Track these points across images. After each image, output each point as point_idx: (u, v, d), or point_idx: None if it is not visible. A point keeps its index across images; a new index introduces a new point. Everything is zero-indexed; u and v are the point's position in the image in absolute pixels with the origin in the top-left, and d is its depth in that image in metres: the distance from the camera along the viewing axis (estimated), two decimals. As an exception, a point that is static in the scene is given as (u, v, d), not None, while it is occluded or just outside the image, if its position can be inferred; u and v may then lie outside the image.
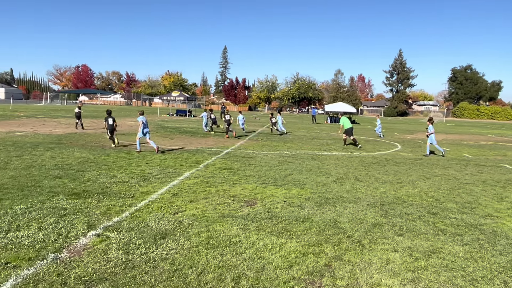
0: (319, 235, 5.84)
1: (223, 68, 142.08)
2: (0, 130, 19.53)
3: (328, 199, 8.01)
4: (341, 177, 10.48)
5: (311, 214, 6.93)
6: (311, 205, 7.49)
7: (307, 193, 8.51)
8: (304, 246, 5.38)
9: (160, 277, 4.28)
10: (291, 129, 31.01)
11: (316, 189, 8.90)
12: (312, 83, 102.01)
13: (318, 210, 7.18)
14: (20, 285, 3.95)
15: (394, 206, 7.75)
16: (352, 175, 10.85)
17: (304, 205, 7.47)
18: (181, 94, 51.48)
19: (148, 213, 6.53)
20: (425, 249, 5.49)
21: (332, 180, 10.01)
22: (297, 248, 5.28)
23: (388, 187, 9.48)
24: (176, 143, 16.97)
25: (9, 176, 8.72)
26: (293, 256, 5.00)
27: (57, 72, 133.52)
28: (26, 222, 5.80)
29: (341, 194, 8.57)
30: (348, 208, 7.40)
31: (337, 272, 4.64)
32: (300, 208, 7.25)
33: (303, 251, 5.20)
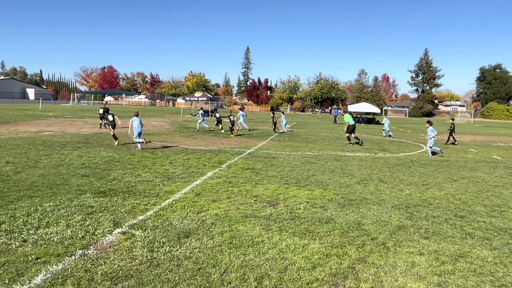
0: (343, 237, 5.79)
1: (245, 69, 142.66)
2: (30, 129, 20.18)
3: (351, 201, 7.93)
4: (365, 179, 10.35)
5: (334, 215, 6.87)
6: (334, 206, 7.43)
7: (330, 194, 8.44)
8: (327, 247, 5.35)
9: (184, 276, 4.33)
10: (314, 129, 30.84)
11: (339, 190, 8.82)
12: (335, 83, 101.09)
13: (342, 212, 7.11)
14: (49, 280, 4.07)
15: (420, 208, 7.59)
16: (376, 177, 10.70)
17: (327, 206, 7.41)
18: (204, 94, 51.87)
19: (172, 212, 6.62)
20: (452, 253, 5.36)
21: (356, 181, 9.90)
22: (320, 250, 5.24)
23: (414, 189, 9.30)
24: (199, 143, 17.13)
25: (39, 174, 9.01)
26: (316, 258, 4.98)
27: (84, 73, 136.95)
28: (55, 219, 5.97)
29: (365, 195, 8.46)
30: (372, 210, 7.30)
31: (361, 274, 4.58)
32: (323, 209, 7.20)
33: (326, 252, 5.16)
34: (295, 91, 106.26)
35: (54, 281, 4.04)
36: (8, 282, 3.96)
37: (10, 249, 4.79)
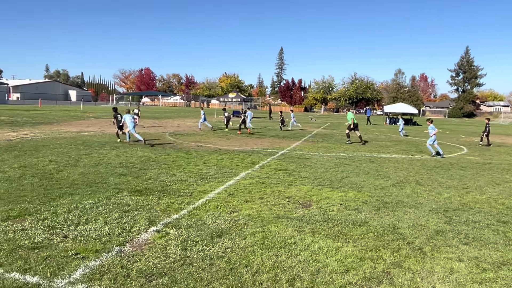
0: (377, 240, 5.66)
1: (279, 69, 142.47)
2: (72, 129, 21.03)
3: (386, 203, 7.74)
4: (401, 181, 10.07)
5: (369, 218, 6.73)
6: (369, 209, 7.28)
7: (365, 196, 8.28)
8: (361, 250, 5.24)
9: (216, 275, 4.37)
10: (348, 130, 30.33)
11: (374, 193, 8.63)
12: (370, 83, 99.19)
13: (376, 214, 6.95)
14: (88, 275, 4.22)
15: (459, 212, 7.30)
16: (413, 179, 10.39)
17: (361, 209, 7.27)
18: (237, 95, 52.27)
19: (205, 211, 6.70)
20: (494, 260, 5.12)
21: (391, 184, 9.65)
22: (353, 253, 5.15)
23: (453, 193, 8.96)
24: (232, 144, 17.26)
25: (79, 173, 9.37)
26: (349, 261, 4.89)
27: (122, 75, 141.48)
28: (94, 216, 6.19)
29: (401, 198, 8.24)
30: (409, 213, 7.09)
31: (396, 279, 4.46)
32: (357, 212, 7.07)
33: (360, 255, 5.06)
34: (329, 92, 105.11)
35: (92, 276, 4.18)
36: (49, 276, 4.13)
37: (52, 244, 5.00)
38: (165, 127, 26.23)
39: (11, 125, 22.44)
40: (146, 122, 29.62)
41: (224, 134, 21.92)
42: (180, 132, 22.15)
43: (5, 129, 19.74)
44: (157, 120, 33.36)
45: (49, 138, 16.39)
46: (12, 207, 6.43)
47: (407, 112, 45.41)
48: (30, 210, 6.32)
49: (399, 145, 19.79)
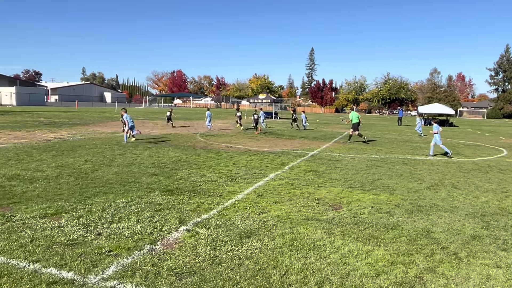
0: (410, 244, 5.50)
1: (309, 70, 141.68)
2: (107, 130, 21.69)
3: (420, 207, 7.52)
4: (436, 184, 9.76)
5: (401, 221, 6.56)
6: (401, 212, 7.09)
7: (397, 199, 8.08)
8: (393, 254, 5.11)
9: (245, 275, 4.37)
10: (380, 131, 29.76)
11: (407, 196, 8.41)
12: (404, 83, 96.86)
13: (409, 218, 6.77)
14: (120, 272, 4.32)
15: (498, 217, 7.00)
16: (449, 182, 10.05)
17: (393, 212, 7.10)
18: (267, 96, 52.26)
19: (235, 212, 6.73)
20: (535, 267, 4.87)
21: (426, 187, 9.37)
22: (385, 257, 5.03)
23: (491, 196, 8.60)
24: (262, 145, 17.28)
25: (113, 172, 9.64)
26: (380, 265, 4.78)
27: (155, 77, 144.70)
28: (127, 214, 6.35)
29: (436, 202, 7.98)
30: (443, 218, 6.86)
31: (429, 285, 4.32)
32: (389, 215, 6.90)
33: (391, 260, 4.94)
34: (361, 92, 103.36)
35: (124, 273, 4.29)
36: (84, 272, 4.27)
37: (86, 241, 5.17)
38: (196, 128, 26.59)
39: (49, 126, 23.40)
40: (178, 123, 30.13)
41: (253, 135, 21.98)
42: (210, 133, 22.39)
43: (44, 130, 20.61)
44: (188, 121, 33.89)
45: (85, 139, 16.97)
46: (50, 205, 6.69)
47: (443, 112, 44.01)
48: (66, 208, 6.56)
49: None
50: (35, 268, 4.30)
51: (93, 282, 4.05)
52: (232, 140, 19.00)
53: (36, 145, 14.25)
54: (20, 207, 6.48)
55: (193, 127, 26.98)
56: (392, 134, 27.28)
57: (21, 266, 4.34)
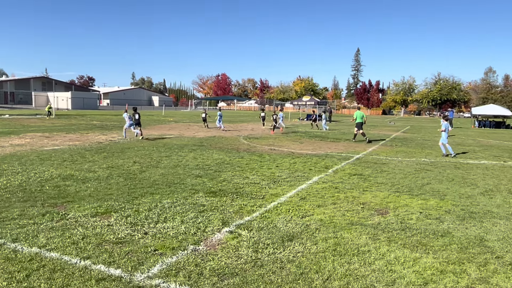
0: (461, 253, 5.22)
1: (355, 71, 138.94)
2: (154, 133, 22.42)
3: (473, 213, 7.11)
4: (491, 189, 9.21)
5: (452, 228, 6.24)
6: (452, 219, 6.75)
7: (448, 205, 7.70)
8: (442, 263, 4.86)
9: (287, 279, 4.33)
10: (431, 134, 28.57)
11: (459, 201, 7.99)
12: (456, 84, 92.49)
13: (461, 225, 6.42)
14: (164, 270, 4.43)
15: (561, 227, 6.47)
16: (505, 188, 9.44)
17: (443, 218, 6.77)
18: (311, 98, 51.90)
19: (277, 214, 6.71)
20: None
21: (479, 192, 8.87)
22: (433, 265, 4.80)
23: (553, 204, 7.98)
24: (306, 147, 17.13)
25: (159, 174, 9.93)
26: (428, 273, 4.56)
27: (201, 81, 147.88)
28: (172, 215, 6.51)
29: (490, 208, 7.52)
30: (499, 225, 6.45)
31: (483, 297, 4.07)
32: (438, 221, 6.59)
33: (440, 268, 4.70)
34: (410, 93, 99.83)
35: (169, 272, 4.39)
36: (130, 270, 4.41)
37: (134, 240, 5.34)
38: (239, 130, 26.85)
39: (101, 128, 24.55)
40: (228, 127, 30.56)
41: (297, 138, 21.85)
42: (254, 136, 22.52)
43: (96, 133, 21.65)
44: (232, 124, 34.31)
45: (133, 141, 17.64)
46: (100, 204, 7.00)
47: (499, 114, 41.60)
48: (115, 207, 6.83)
49: (489, 150, 18.17)
50: (86, 265, 4.50)
51: (139, 280, 4.18)
52: (275, 142, 18.99)
53: (88, 147, 14.99)
54: (73, 206, 6.83)
55: (237, 130, 27.26)
56: (443, 137, 26.07)
57: (72, 262, 4.57)
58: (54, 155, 12.69)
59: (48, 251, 4.86)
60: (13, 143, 15.81)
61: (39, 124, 28.28)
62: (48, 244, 5.06)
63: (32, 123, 29.00)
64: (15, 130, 21.85)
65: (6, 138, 17.48)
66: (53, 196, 7.47)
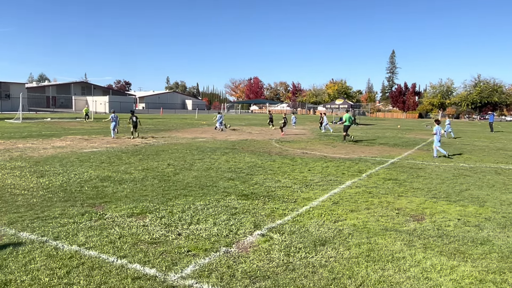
0: (502, 262, 5.00)
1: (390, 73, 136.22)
2: (187, 136, 22.81)
3: (515, 221, 6.80)
4: (535, 196, 8.77)
5: (492, 236, 5.99)
6: (493, 226, 6.48)
7: (488, 212, 7.39)
8: (482, 272, 4.68)
9: (319, 283, 4.30)
10: (470, 138, 27.53)
11: (500, 208, 7.66)
12: (497, 86, 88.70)
13: (502, 233, 6.16)
14: (197, 271, 4.50)
15: None
16: (551, 195, 8.96)
17: (483, 226, 6.51)
18: (344, 102, 51.15)
19: (309, 218, 6.67)
20: None
21: (522, 199, 8.46)
22: (472, 273, 4.62)
23: None
24: (338, 151, 16.92)
25: (192, 176, 10.09)
26: (466, 282, 4.40)
27: (233, 84, 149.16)
28: (204, 217, 6.60)
29: (534, 216, 7.16)
30: (544, 234, 6.13)
31: (526, 309, 3.88)
32: (478, 229, 6.34)
33: (479, 277, 4.52)
34: (448, 96, 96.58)
35: (201, 273, 4.45)
36: (164, 270, 4.52)
37: (168, 240, 5.46)
38: (271, 134, 26.87)
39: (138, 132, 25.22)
40: (253, 129, 30.72)
41: (330, 141, 21.63)
42: (286, 139, 22.48)
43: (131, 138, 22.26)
44: (264, 128, 34.38)
45: (168, 144, 18.02)
46: (136, 205, 7.20)
47: None
48: (150, 208, 7.00)
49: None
50: (122, 263, 4.64)
51: (173, 280, 4.27)
52: (308, 146, 18.88)
53: (125, 150, 15.45)
54: (110, 206, 7.06)
55: (270, 133, 27.29)
56: (483, 141, 25.08)
57: (110, 260, 4.72)
58: (93, 157, 13.17)
59: (87, 249, 5.05)
60: (55, 145, 16.54)
61: (78, 127, 29.43)
62: (87, 243, 5.26)
63: (72, 126, 30.23)
64: (56, 133, 22.85)
65: (48, 141, 18.31)
66: (92, 196, 7.76)
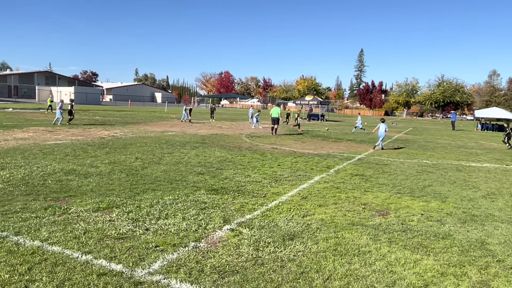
0: (462, 255, 5.22)
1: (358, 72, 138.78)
2: (156, 129, 22.44)
3: (474, 216, 7.11)
4: (493, 193, 9.20)
5: (453, 231, 6.24)
6: (454, 221, 6.74)
7: (449, 207, 7.69)
8: (443, 265, 4.86)
9: (287, 277, 4.34)
10: (433, 136, 28.52)
11: (461, 204, 7.99)
12: (459, 86, 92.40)
13: (462, 228, 6.42)
14: (165, 267, 4.44)
15: None
16: (507, 191, 9.43)
17: (445, 221, 6.76)
18: (314, 98, 51.87)
19: (278, 213, 6.71)
20: None
21: (481, 195, 8.86)
22: (434, 267, 4.80)
23: (555, 209, 7.96)
24: (308, 147, 17.12)
25: (161, 170, 9.94)
26: (429, 275, 4.56)
27: (204, 78, 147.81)
28: (173, 211, 6.52)
29: (492, 211, 7.52)
30: (500, 229, 6.44)
31: (483, 300, 4.07)
32: (440, 223, 6.59)
33: (441, 270, 4.70)
34: (413, 95, 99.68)
35: (170, 269, 4.40)
36: (131, 265, 4.43)
37: (135, 235, 5.36)
38: (242, 128, 26.85)
39: (104, 124, 24.58)
40: (224, 124, 30.60)
41: (299, 137, 21.84)
42: (256, 134, 22.52)
43: (99, 128, 21.67)
44: (234, 122, 34.30)
45: (136, 137, 17.65)
46: (102, 199, 7.01)
47: (502, 117, 41.50)
48: (117, 203, 6.84)
49: (491, 153, 18.13)
50: (87, 259, 4.52)
51: (140, 276, 4.19)
52: (278, 141, 18.99)
53: (91, 142, 15.02)
54: (75, 201, 6.85)
55: (240, 128, 27.25)
56: (446, 139, 26.06)
57: (74, 256, 4.58)
58: (57, 149, 12.73)
59: (50, 245, 4.88)
60: (16, 136, 15.85)
61: (42, 118, 28.34)
62: (50, 238, 5.08)
63: (35, 117, 29.07)
64: (18, 124, 21.90)
65: (10, 132, 17.52)
66: (56, 190, 7.50)
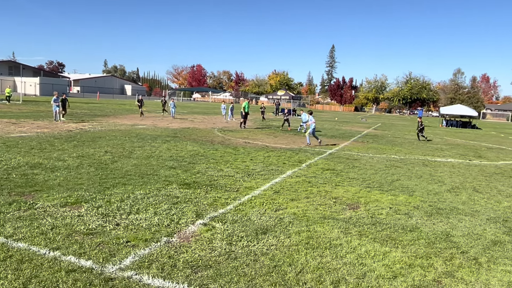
0: (428, 247, 5.40)
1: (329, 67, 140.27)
2: (127, 122, 21.98)
3: (440, 210, 7.37)
4: (457, 187, 9.56)
5: (420, 224, 6.45)
6: (420, 214, 6.97)
7: (416, 201, 7.94)
8: (411, 257, 5.03)
9: (260, 271, 4.37)
10: (400, 132, 29.31)
11: (427, 198, 8.26)
12: (426, 83, 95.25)
13: (428, 221, 6.65)
14: (137, 262, 4.37)
15: (521, 223, 6.80)
16: (470, 185, 9.83)
17: (412, 214, 6.98)
18: (286, 93, 52.23)
19: (251, 207, 6.73)
20: (559, 277, 4.71)
21: (446, 189, 9.19)
22: (402, 259, 4.95)
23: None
24: (280, 141, 17.23)
25: (132, 164, 9.76)
26: (397, 267, 4.71)
27: (175, 71, 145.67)
28: (145, 206, 6.42)
29: (456, 205, 7.82)
30: (464, 221, 6.72)
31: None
32: (407, 217, 6.80)
33: (409, 262, 4.86)
34: (382, 91, 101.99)
35: (141, 264, 4.34)
36: (102, 261, 4.33)
37: (105, 231, 5.25)
38: (214, 123, 26.71)
39: (71, 116, 23.84)
40: (196, 118, 30.32)
41: (271, 132, 21.94)
42: (228, 128, 22.46)
43: (66, 120, 21.00)
44: (206, 116, 34.06)
45: (105, 130, 17.23)
46: (70, 194, 6.82)
47: (465, 114, 43.10)
48: (86, 197, 6.67)
49: (455, 149, 18.83)
50: (55, 256, 4.39)
51: (111, 272, 4.11)
52: (250, 136, 19.01)
53: (58, 135, 14.55)
54: (41, 195, 6.62)
55: (212, 122, 27.09)
56: (413, 135, 26.83)
57: (41, 253, 4.44)
58: (21, 142, 12.25)
59: (15, 241, 4.71)
60: (-23, 128, 15.14)
61: (5, 110, 27.19)
62: (15, 234, 4.90)
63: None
64: (-22, 115, 20.92)
65: (-31, 124, 16.72)
66: (21, 184, 7.22)
